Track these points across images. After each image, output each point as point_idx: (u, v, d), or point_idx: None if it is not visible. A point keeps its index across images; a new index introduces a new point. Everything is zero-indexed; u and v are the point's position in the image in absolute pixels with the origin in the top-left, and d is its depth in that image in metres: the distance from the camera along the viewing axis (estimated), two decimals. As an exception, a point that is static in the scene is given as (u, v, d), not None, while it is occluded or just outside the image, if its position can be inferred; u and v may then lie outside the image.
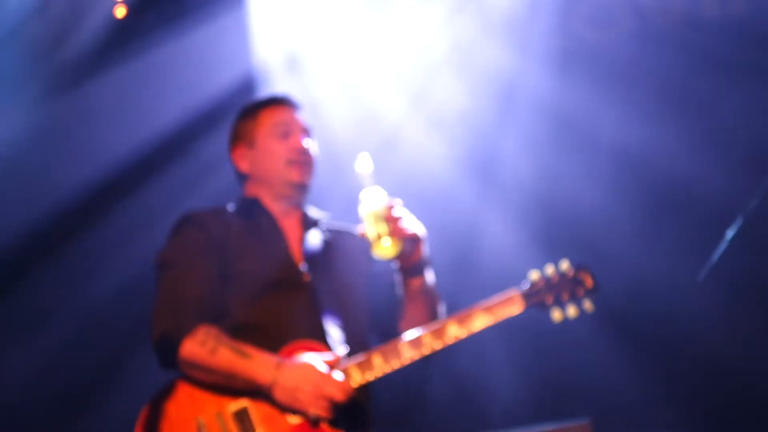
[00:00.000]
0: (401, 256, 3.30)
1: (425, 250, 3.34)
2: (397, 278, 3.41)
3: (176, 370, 3.24)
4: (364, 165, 3.34)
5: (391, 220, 3.25)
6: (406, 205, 3.26)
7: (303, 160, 3.48)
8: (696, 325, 5.33)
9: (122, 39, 5.71)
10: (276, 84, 5.71)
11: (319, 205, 3.60)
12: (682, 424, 5.33)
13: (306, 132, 3.54)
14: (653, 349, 5.46)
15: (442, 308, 3.47)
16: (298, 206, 3.53)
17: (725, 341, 5.27)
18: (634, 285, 5.46)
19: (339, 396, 3.11)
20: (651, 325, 5.46)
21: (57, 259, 5.69)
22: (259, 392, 3.15)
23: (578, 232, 5.42)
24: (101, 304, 5.58)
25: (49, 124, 5.70)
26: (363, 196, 3.30)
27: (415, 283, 3.37)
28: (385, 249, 3.25)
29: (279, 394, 3.11)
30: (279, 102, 3.61)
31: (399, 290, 3.41)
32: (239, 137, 3.56)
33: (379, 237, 3.25)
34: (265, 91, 5.55)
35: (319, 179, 3.54)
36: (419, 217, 3.33)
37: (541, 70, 5.71)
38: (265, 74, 5.77)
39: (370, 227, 3.27)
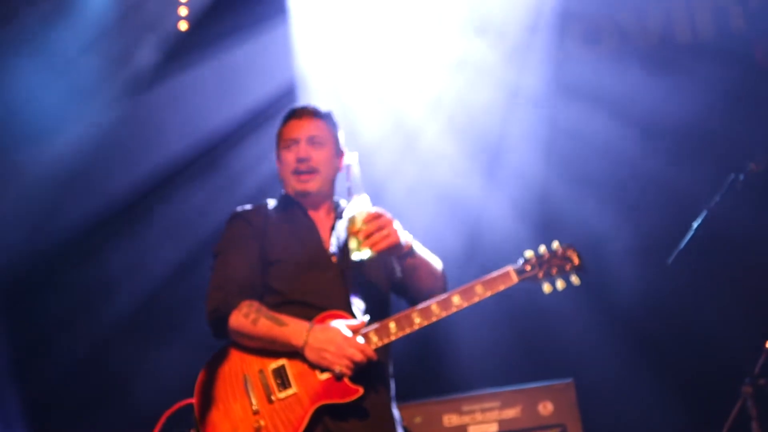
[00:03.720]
0: (383, 255, 3.50)
1: (403, 243, 3.52)
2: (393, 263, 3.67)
3: (227, 338, 3.57)
4: (353, 168, 3.53)
5: (367, 227, 3.45)
6: (424, 199, 3.58)
7: (302, 169, 3.68)
8: (665, 299, 5.72)
9: (184, 50, 6.15)
10: (313, 92, 6.02)
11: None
12: (656, 383, 5.72)
13: (312, 140, 3.70)
14: (631, 320, 5.82)
15: (438, 265, 3.73)
16: (327, 199, 3.78)
17: (691, 313, 5.64)
18: (617, 266, 5.82)
19: (359, 356, 3.40)
20: (629, 301, 5.81)
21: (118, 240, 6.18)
22: (294, 353, 3.45)
23: (569, 223, 5.75)
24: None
25: (118, 125, 6.10)
26: (352, 201, 3.50)
27: (407, 263, 3.62)
28: (358, 253, 3.46)
29: (309, 354, 3.43)
30: (291, 116, 3.79)
31: (398, 272, 3.68)
32: (275, 148, 3.86)
33: (354, 241, 3.46)
34: (304, 99, 5.89)
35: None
36: (434, 208, 3.69)
37: (539, 81, 6.10)
38: (304, 83, 6.11)
39: (347, 232, 3.48)
